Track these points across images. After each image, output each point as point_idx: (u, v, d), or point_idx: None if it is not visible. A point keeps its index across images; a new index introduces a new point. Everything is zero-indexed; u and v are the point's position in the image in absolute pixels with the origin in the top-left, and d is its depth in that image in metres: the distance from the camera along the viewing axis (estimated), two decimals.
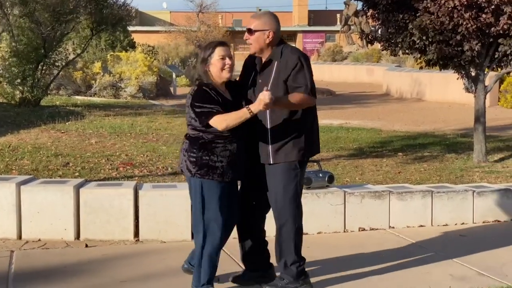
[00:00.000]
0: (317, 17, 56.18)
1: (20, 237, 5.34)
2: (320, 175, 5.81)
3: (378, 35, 9.74)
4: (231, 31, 50.68)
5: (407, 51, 9.31)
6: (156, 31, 48.19)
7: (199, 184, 3.98)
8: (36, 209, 5.33)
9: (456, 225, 6.07)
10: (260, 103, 3.84)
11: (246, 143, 4.07)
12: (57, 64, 16.39)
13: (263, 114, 4.05)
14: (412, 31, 8.65)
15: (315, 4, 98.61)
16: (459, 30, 8.35)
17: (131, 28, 27.70)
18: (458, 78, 9.65)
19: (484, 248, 5.31)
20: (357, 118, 15.70)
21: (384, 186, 6.38)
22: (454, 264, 4.90)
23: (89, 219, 5.39)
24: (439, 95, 20.49)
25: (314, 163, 5.99)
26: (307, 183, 5.63)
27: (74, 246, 5.25)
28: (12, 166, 7.83)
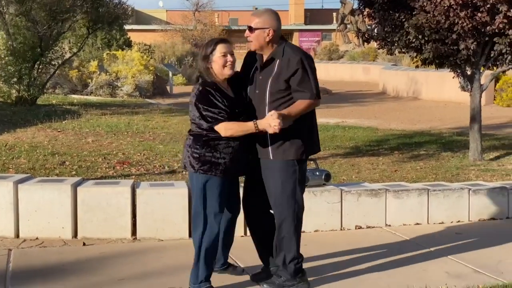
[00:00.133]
0: (313, 15, 56.19)
1: (17, 236, 5.35)
2: (317, 173, 5.83)
3: (374, 34, 9.77)
4: (227, 29, 50.66)
5: (403, 50, 9.34)
6: (152, 30, 48.11)
7: (201, 180, 4.05)
8: (34, 208, 5.34)
9: (452, 223, 6.10)
10: (268, 128, 3.93)
11: (248, 140, 4.12)
12: (53, 63, 16.40)
13: (262, 112, 4.09)
14: (408, 30, 8.68)
15: (311, 3, 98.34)
16: (455, 29, 8.38)
17: (127, 26, 27.65)
18: (454, 77, 9.69)
19: (480, 245, 5.33)
20: (353, 116, 15.73)
21: (380, 184, 6.41)
22: (450, 262, 4.93)
23: (87, 217, 5.40)
24: (435, 93, 20.54)
25: (311, 162, 6.00)
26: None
27: (71, 244, 5.26)
28: (9, 165, 7.83)
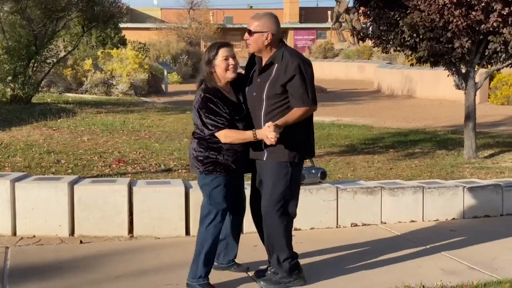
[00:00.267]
0: (308, 14, 56.25)
1: (14, 234, 5.36)
2: (313, 171, 5.86)
3: (369, 32, 9.80)
4: (222, 28, 50.61)
5: (398, 48, 9.38)
6: (147, 28, 48.07)
7: (207, 180, 4.20)
8: (31, 206, 5.35)
9: (446, 220, 6.14)
10: (266, 140, 4.01)
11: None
12: (48, 61, 16.37)
13: (258, 116, 4.16)
14: (403, 29, 8.71)
15: (306, 1, 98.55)
16: (450, 27, 8.42)
17: (122, 25, 27.58)
18: (448, 75, 9.73)
19: (474, 242, 5.37)
20: (348, 115, 15.77)
21: (376, 182, 6.44)
22: (445, 258, 4.97)
23: (84, 215, 5.41)
24: (430, 92, 20.59)
25: (307, 160, 6.03)
26: (300, 179, 5.66)
27: (68, 242, 5.27)
28: (5, 163, 7.84)
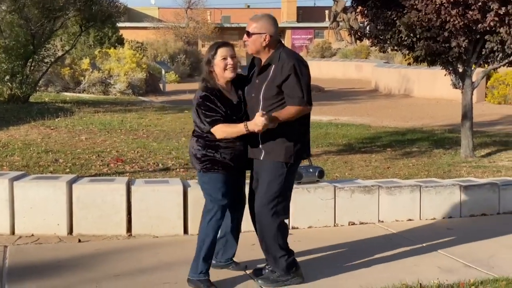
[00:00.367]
0: (305, 13, 56.22)
1: (13, 233, 5.37)
2: (311, 170, 5.88)
3: (366, 32, 9.82)
4: (219, 27, 50.60)
5: (395, 48, 9.40)
6: (145, 27, 48.02)
7: (205, 177, 4.27)
8: (29, 205, 5.37)
9: (443, 218, 6.17)
10: (254, 127, 4.04)
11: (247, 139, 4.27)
12: (46, 60, 16.36)
13: (254, 112, 4.16)
14: (400, 28, 8.74)
15: (303, 1, 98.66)
16: (447, 26, 8.45)
17: (120, 24, 27.59)
18: (445, 74, 9.76)
19: (471, 241, 5.40)
20: (346, 114, 15.79)
21: (373, 181, 6.47)
22: (442, 257, 5.00)
23: (82, 214, 5.43)
24: (427, 91, 20.63)
25: (305, 159, 6.06)
26: (298, 178, 5.69)
27: (67, 241, 5.28)
28: (3, 162, 7.84)
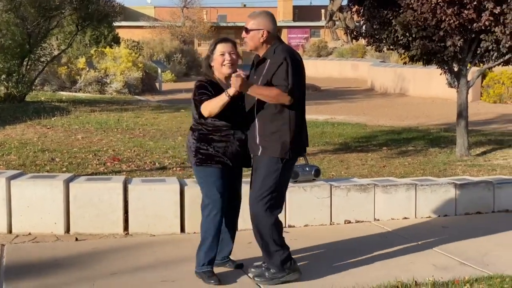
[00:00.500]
0: (302, 12, 56.23)
1: (10, 231, 5.39)
2: (307, 169, 5.91)
3: (362, 31, 9.85)
4: (216, 26, 50.58)
5: (391, 47, 9.44)
6: (141, 26, 47.96)
7: (199, 171, 4.36)
8: (26, 204, 5.38)
9: (439, 217, 6.20)
10: (233, 89, 4.09)
11: (244, 135, 4.33)
12: (42, 59, 16.34)
13: (251, 111, 4.23)
14: (396, 28, 8.77)
15: (300, 0, 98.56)
16: (442, 26, 8.48)
17: (116, 23, 27.52)
18: (441, 74, 9.79)
19: (466, 239, 5.44)
20: (342, 113, 15.83)
21: (369, 180, 6.50)
22: (437, 254, 5.03)
23: (79, 213, 5.44)
24: (423, 90, 20.69)
25: (301, 157, 6.08)
26: (294, 176, 5.72)
27: (64, 239, 5.30)
28: None
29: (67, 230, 5.44)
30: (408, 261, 4.84)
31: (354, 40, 10.43)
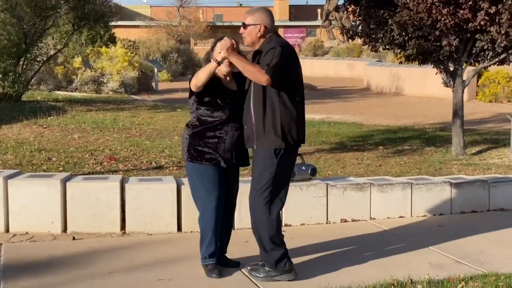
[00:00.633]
0: (298, 12, 56.29)
1: (7, 230, 5.39)
2: (303, 168, 5.93)
3: (358, 31, 9.87)
4: (212, 25, 50.58)
5: (387, 47, 9.46)
6: (137, 26, 47.93)
7: (190, 168, 4.40)
8: (24, 203, 5.39)
9: (434, 215, 6.23)
10: (221, 54, 4.17)
11: (239, 133, 4.33)
12: (38, 59, 16.33)
13: (247, 104, 4.26)
14: (392, 27, 8.80)
15: None
16: (438, 25, 8.52)
17: (112, 22, 27.52)
18: (436, 73, 9.83)
19: (461, 237, 5.47)
20: (338, 112, 15.87)
21: (365, 179, 6.52)
22: (433, 253, 5.06)
23: (76, 212, 5.45)
24: (418, 89, 20.75)
25: (297, 157, 6.10)
26: (291, 176, 5.73)
27: (61, 239, 5.31)
28: None
29: (64, 229, 5.46)
30: (404, 260, 4.87)
31: (350, 40, 10.41)
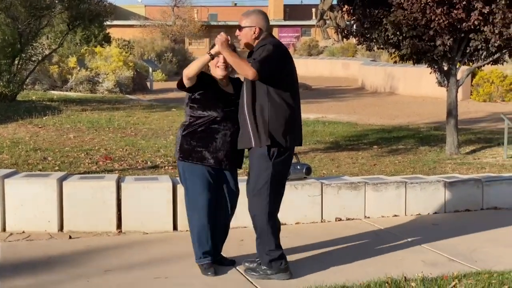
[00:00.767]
0: (292, 11, 56.31)
1: (4, 229, 5.41)
2: (298, 167, 5.96)
3: (353, 30, 9.92)
4: (206, 25, 50.56)
5: (381, 46, 9.51)
6: (131, 25, 47.86)
7: (181, 166, 4.44)
8: (20, 202, 5.40)
9: (428, 214, 6.27)
10: (216, 47, 4.21)
11: (234, 134, 4.34)
12: (33, 59, 16.33)
13: (241, 104, 4.28)
14: (387, 27, 8.85)
15: None
16: (432, 25, 8.57)
17: (107, 22, 27.50)
18: (431, 73, 9.88)
19: (455, 236, 5.51)
20: (333, 112, 15.91)
21: (359, 178, 6.56)
22: (426, 251, 5.10)
23: (72, 211, 5.47)
24: (413, 89, 20.82)
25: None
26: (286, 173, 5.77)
27: (58, 238, 5.33)
28: None
29: (61, 228, 5.47)
30: (398, 258, 4.91)
31: (344, 39, 10.44)
